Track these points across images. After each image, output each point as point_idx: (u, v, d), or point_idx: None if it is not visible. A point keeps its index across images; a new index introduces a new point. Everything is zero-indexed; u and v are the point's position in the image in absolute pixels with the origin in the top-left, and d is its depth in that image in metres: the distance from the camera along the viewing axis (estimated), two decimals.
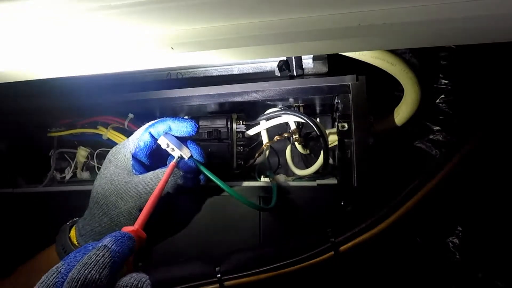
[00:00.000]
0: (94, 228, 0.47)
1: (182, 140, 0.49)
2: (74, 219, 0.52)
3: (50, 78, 0.44)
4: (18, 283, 0.49)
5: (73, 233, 0.49)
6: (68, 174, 0.67)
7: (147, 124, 0.48)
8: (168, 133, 0.48)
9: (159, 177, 0.45)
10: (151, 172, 0.46)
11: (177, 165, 0.47)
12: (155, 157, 0.49)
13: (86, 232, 0.48)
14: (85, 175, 0.67)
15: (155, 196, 0.42)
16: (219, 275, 0.48)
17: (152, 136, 0.48)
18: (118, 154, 0.48)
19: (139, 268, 0.54)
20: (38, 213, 0.61)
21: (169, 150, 0.47)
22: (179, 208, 0.55)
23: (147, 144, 0.47)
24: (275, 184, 0.53)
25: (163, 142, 0.47)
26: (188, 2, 0.35)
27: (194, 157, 0.49)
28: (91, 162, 0.66)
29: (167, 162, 0.52)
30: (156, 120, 0.48)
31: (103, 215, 0.47)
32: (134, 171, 0.47)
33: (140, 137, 0.47)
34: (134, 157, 0.47)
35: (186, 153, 0.48)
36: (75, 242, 0.48)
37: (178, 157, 0.47)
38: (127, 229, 0.37)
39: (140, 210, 0.46)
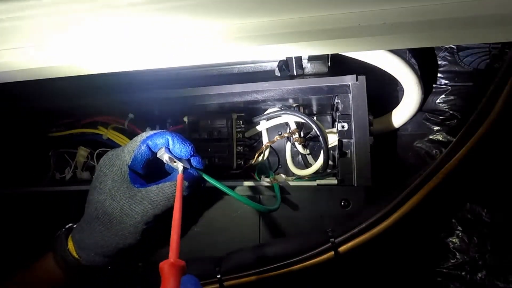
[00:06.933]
0: (98, 242, 0.46)
1: None
2: (67, 226, 0.51)
3: (59, 77, 0.45)
4: None
5: (70, 245, 0.48)
6: (68, 174, 0.67)
7: (144, 136, 0.47)
8: (167, 147, 0.47)
9: (164, 191, 0.45)
10: (154, 186, 0.45)
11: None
12: (149, 166, 0.49)
13: (88, 246, 0.47)
14: (85, 175, 0.67)
15: (178, 219, 0.40)
16: (219, 275, 0.48)
17: (149, 148, 0.47)
18: (113, 167, 0.46)
19: (139, 268, 0.54)
20: (38, 213, 0.61)
21: (170, 162, 0.46)
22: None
23: (144, 157, 0.46)
24: (277, 184, 0.53)
25: (163, 156, 0.46)
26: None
27: (194, 165, 0.48)
28: (91, 162, 0.66)
29: (163, 170, 0.51)
30: (154, 132, 0.47)
31: (105, 230, 0.46)
32: (133, 184, 0.46)
33: (137, 149, 0.46)
34: (130, 169, 0.46)
35: (186, 163, 0.47)
36: (75, 255, 0.47)
37: (182, 168, 0.46)
38: (165, 263, 0.35)
39: (147, 223, 0.45)
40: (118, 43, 0.41)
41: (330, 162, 0.58)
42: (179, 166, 0.46)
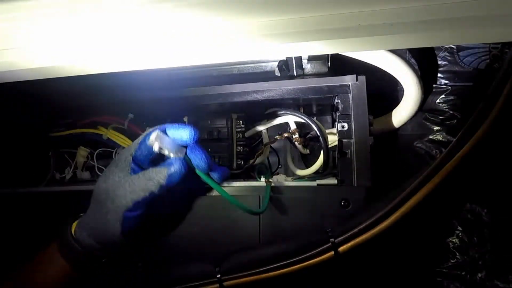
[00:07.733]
0: (89, 222, 0.48)
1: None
2: (80, 214, 0.52)
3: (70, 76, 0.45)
4: (22, 282, 0.49)
5: (74, 225, 0.50)
6: (68, 174, 0.67)
7: (148, 130, 0.48)
8: (164, 135, 0.47)
9: (144, 175, 0.45)
10: (142, 172, 0.46)
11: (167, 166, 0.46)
12: (159, 163, 0.49)
13: (83, 225, 0.49)
14: (85, 175, 0.67)
15: None
16: (219, 275, 0.48)
17: None
18: (121, 156, 0.48)
19: (139, 268, 0.54)
20: (38, 213, 0.61)
21: (160, 151, 0.46)
22: (179, 208, 0.55)
23: (146, 150, 0.47)
24: (269, 186, 0.52)
25: (154, 145, 0.46)
26: None
27: (186, 157, 0.47)
28: (91, 162, 0.66)
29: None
30: (156, 127, 0.48)
31: (95, 210, 0.48)
32: (132, 172, 0.46)
33: (141, 141, 0.47)
34: (135, 160, 0.47)
35: (180, 154, 0.47)
36: (73, 233, 0.49)
37: (173, 156, 0.47)
38: None
39: (127, 210, 0.45)
40: (118, 43, 0.41)
41: (330, 162, 0.58)
42: (171, 154, 0.46)
